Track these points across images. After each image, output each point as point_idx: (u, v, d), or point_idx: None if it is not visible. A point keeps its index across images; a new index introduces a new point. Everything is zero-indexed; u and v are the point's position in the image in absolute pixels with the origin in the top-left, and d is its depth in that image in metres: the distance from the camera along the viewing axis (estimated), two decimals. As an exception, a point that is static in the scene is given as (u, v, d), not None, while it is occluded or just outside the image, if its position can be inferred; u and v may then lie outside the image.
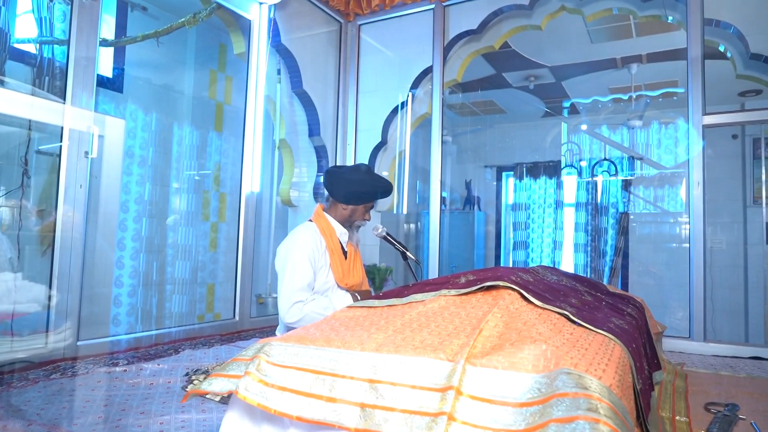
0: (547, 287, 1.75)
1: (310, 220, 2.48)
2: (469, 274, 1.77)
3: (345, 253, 2.46)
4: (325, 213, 2.47)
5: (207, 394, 1.39)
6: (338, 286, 2.39)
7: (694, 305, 3.27)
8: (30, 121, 3.00)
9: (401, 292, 1.74)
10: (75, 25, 2.77)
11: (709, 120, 3.24)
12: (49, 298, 2.49)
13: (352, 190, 2.41)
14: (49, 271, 2.59)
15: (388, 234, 2.51)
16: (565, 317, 1.44)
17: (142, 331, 3.83)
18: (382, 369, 1.22)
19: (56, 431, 1.65)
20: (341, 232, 2.44)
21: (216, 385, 1.40)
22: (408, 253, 2.48)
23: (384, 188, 2.52)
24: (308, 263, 2.28)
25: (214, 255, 4.77)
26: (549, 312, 1.45)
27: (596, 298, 1.93)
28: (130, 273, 4.14)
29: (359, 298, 2.34)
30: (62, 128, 2.72)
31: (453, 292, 1.60)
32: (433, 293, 1.64)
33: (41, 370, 2.32)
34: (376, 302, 1.69)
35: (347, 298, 2.33)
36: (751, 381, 2.55)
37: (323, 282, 2.36)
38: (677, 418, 1.94)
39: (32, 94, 3.00)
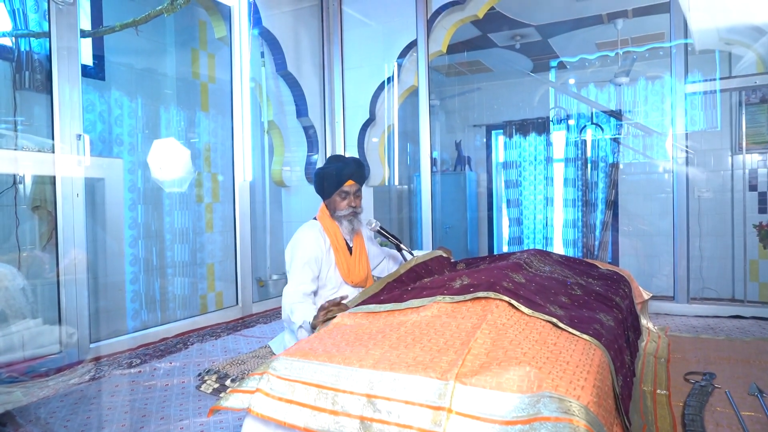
0: (539, 287, 1.86)
1: (315, 218, 2.54)
2: (465, 276, 1.88)
3: (350, 249, 2.53)
4: (327, 210, 2.54)
5: (228, 409, 1.52)
6: (345, 282, 2.48)
7: (677, 270, 3.42)
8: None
9: (400, 297, 1.85)
10: (54, 16, 2.75)
11: (691, 88, 3.29)
12: (59, 308, 2.58)
13: (320, 184, 2.49)
14: (56, 283, 2.67)
15: (382, 228, 2.59)
16: (552, 324, 1.55)
17: (148, 320, 3.96)
18: (378, 385, 1.35)
19: (84, 444, 1.78)
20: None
21: (233, 400, 1.52)
22: (402, 245, 2.57)
23: (342, 168, 2.44)
24: (312, 263, 2.37)
25: (211, 235, 4.85)
26: (536, 319, 1.56)
27: (586, 290, 2.03)
28: (130, 260, 4.21)
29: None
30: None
31: (447, 299, 1.71)
32: (428, 299, 1.75)
33: (59, 376, 2.44)
34: (378, 307, 1.81)
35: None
36: (730, 344, 2.71)
37: (333, 280, 2.45)
38: (658, 391, 2.09)
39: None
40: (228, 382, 2.25)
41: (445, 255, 2.59)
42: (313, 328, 2.06)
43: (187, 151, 4.41)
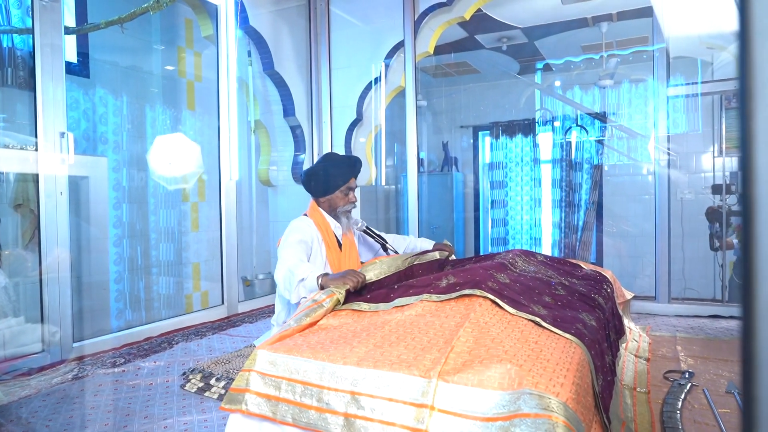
0: (523, 287, 1.88)
1: (306, 215, 2.55)
2: (451, 275, 1.90)
3: (340, 245, 2.54)
4: (318, 208, 2.55)
5: (230, 410, 1.51)
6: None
7: (659, 270, 3.47)
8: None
9: (387, 296, 1.86)
10: (37, 12, 2.72)
11: (673, 91, 3.35)
12: (41, 306, 2.56)
13: (321, 181, 2.50)
14: (38, 278, 2.65)
15: (368, 228, 2.60)
16: (534, 323, 1.58)
17: (132, 319, 3.93)
18: (362, 382, 1.36)
19: (67, 444, 1.77)
20: (335, 226, 2.53)
21: (234, 402, 1.52)
22: (387, 245, 2.59)
23: (348, 165, 2.52)
24: (305, 244, 2.36)
25: (197, 234, 4.82)
26: (518, 318, 1.58)
27: (570, 290, 2.07)
28: (114, 259, 4.18)
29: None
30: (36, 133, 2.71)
31: (434, 297, 1.73)
32: (415, 297, 1.77)
33: (42, 375, 2.42)
34: (365, 305, 1.82)
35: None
36: (707, 343, 2.77)
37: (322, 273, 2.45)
38: (638, 389, 2.13)
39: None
40: (213, 381, 2.24)
41: (443, 257, 2.59)
42: (321, 287, 1.96)
43: (197, 147, 4.37)
